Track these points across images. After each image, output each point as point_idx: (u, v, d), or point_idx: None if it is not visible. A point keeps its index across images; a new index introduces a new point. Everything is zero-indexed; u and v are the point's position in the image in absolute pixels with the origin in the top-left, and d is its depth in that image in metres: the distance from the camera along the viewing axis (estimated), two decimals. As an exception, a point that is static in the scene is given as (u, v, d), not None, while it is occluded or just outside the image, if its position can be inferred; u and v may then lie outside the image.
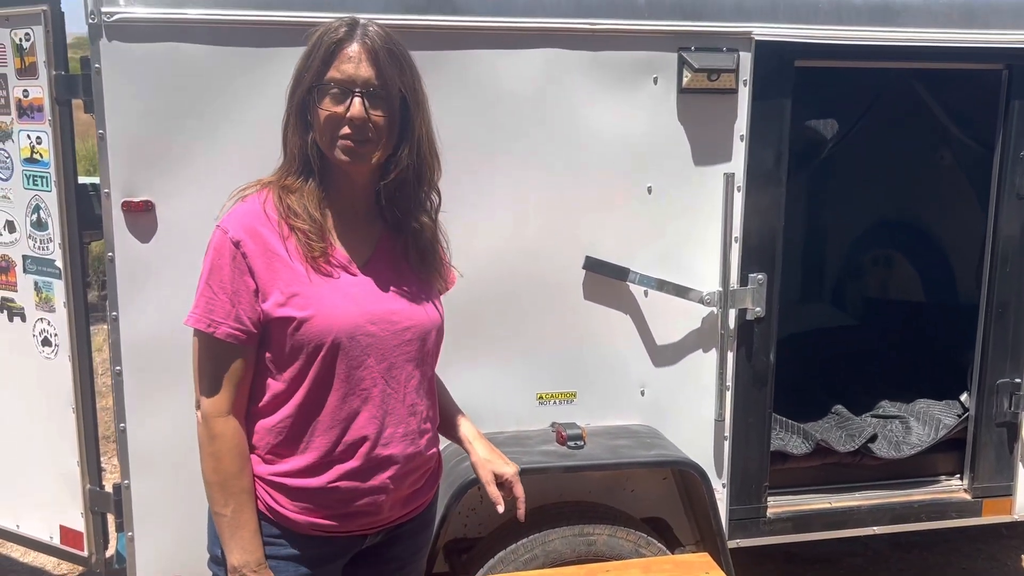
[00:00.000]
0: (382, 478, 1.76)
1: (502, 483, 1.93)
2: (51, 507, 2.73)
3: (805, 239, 4.65)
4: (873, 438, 3.15)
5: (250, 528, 1.72)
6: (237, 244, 1.65)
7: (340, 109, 1.65)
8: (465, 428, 2.01)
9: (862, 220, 4.38)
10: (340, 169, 1.71)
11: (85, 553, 2.68)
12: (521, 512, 1.93)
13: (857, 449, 3.10)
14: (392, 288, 1.77)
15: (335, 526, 1.78)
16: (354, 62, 1.64)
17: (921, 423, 3.25)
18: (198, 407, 1.72)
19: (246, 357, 1.69)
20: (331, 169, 1.71)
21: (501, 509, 1.89)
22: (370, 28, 1.67)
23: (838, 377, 3.82)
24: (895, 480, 3.16)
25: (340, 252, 1.73)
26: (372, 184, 1.76)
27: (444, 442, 2.61)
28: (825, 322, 4.43)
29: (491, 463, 1.95)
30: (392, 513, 1.83)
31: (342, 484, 1.74)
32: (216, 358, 1.68)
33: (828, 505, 3.02)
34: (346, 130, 1.65)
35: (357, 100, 1.64)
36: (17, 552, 3.95)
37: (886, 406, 3.45)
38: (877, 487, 3.12)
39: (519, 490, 1.94)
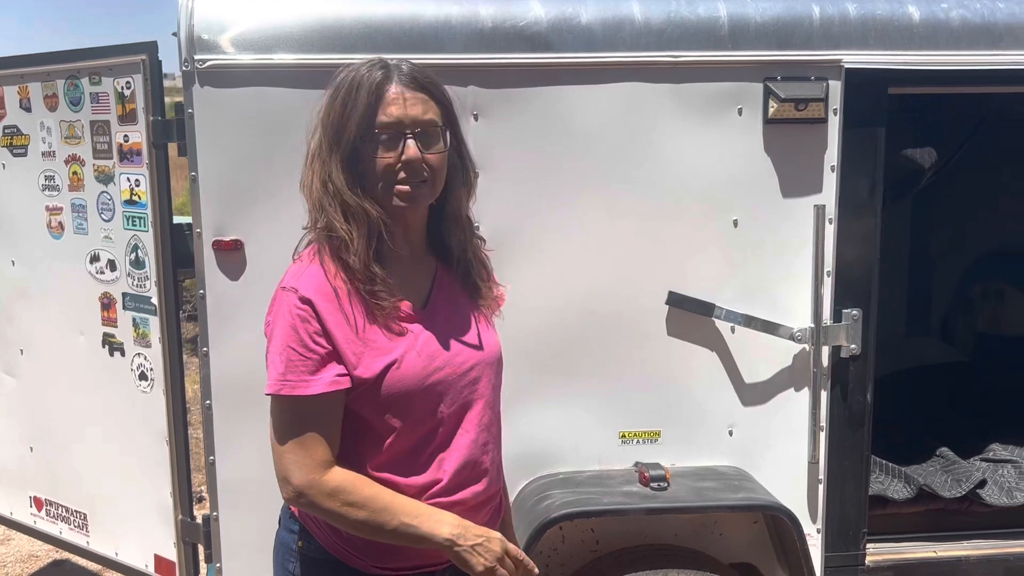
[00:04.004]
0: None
1: None
2: (147, 536, 2.82)
3: (910, 271, 4.45)
4: (982, 483, 2.96)
5: (429, 509, 1.66)
6: (308, 302, 1.61)
7: (393, 155, 1.61)
8: (505, 513, 1.98)
9: (971, 251, 4.17)
10: (394, 214, 1.67)
11: (177, 583, 2.76)
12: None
13: (965, 495, 2.92)
14: (453, 326, 1.76)
15: (406, 565, 1.77)
16: (399, 104, 1.61)
17: (1036, 468, 3.04)
18: (294, 491, 1.62)
19: (336, 410, 1.65)
20: (387, 214, 1.66)
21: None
22: (403, 66, 1.65)
23: (945, 418, 3.62)
24: (1009, 529, 2.95)
25: (404, 304, 1.69)
26: (424, 220, 1.75)
27: (523, 480, 2.62)
28: (932, 358, 4.21)
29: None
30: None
31: None
32: (308, 418, 1.62)
33: (933, 554, 2.84)
34: (402, 175, 1.62)
35: (411, 142, 1.61)
36: (120, 578, 4.10)
37: (997, 449, 3.24)
38: (988, 536, 2.92)
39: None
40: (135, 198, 2.62)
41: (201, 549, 2.71)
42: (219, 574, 2.58)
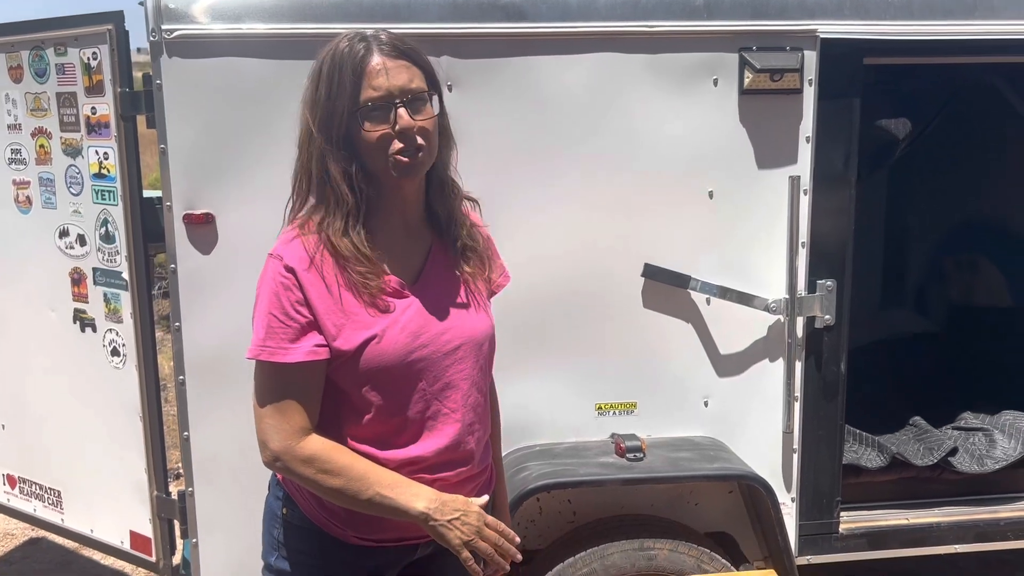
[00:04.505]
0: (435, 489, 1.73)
1: None
2: (122, 513, 2.81)
3: (884, 243, 4.48)
4: (954, 451, 3.00)
5: (406, 481, 1.66)
6: (292, 271, 1.62)
7: (386, 127, 1.60)
8: (502, 492, 2.01)
9: (945, 223, 4.19)
10: (391, 187, 1.67)
11: (153, 558, 2.74)
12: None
13: (936, 463, 2.96)
14: (443, 303, 1.74)
15: (387, 537, 1.77)
16: (384, 75, 1.59)
17: (1007, 436, 3.08)
18: (271, 455, 1.64)
19: (315, 380, 1.65)
20: (380, 189, 1.66)
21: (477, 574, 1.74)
22: (382, 35, 1.63)
23: (918, 388, 3.66)
24: (979, 496, 3.00)
25: (392, 279, 1.68)
26: (421, 192, 1.74)
27: (503, 451, 2.62)
28: (905, 330, 4.25)
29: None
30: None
31: None
32: (288, 385, 1.63)
33: (906, 521, 2.88)
34: (397, 145, 1.61)
35: (402, 111, 1.60)
36: (99, 555, 4.08)
37: (968, 418, 3.28)
38: (959, 503, 2.97)
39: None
40: (104, 171, 2.57)
41: (177, 525, 2.70)
42: (195, 549, 2.57)
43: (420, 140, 1.62)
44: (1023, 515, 2.93)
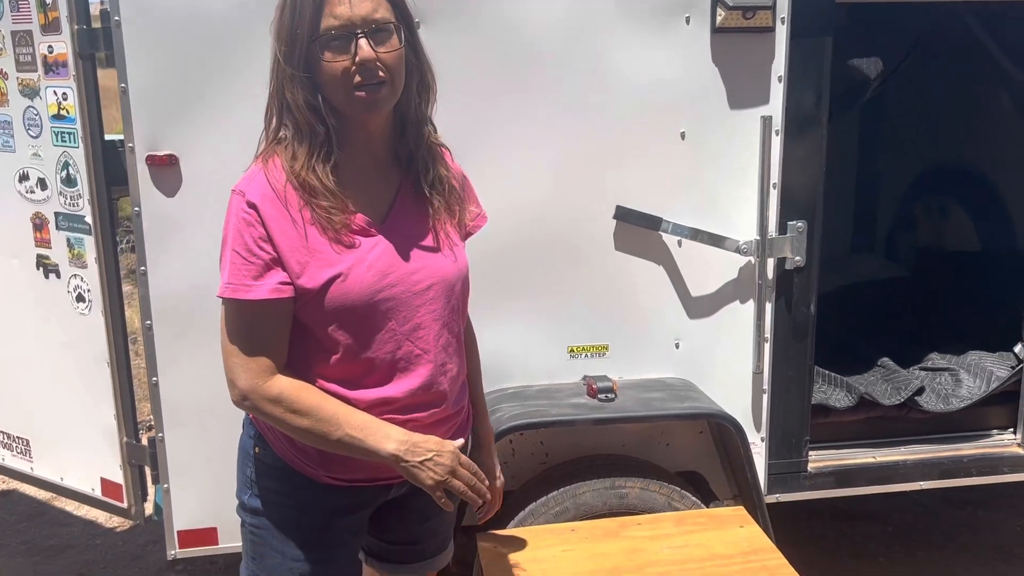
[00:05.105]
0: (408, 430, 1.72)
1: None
2: (92, 460, 2.78)
3: (855, 188, 4.50)
4: (920, 391, 3.04)
5: (376, 423, 1.65)
6: (254, 207, 1.59)
7: (347, 57, 1.56)
8: (485, 427, 2.01)
9: (915, 167, 4.21)
10: (355, 122, 1.64)
11: (125, 505, 2.73)
12: (481, 517, 1.91)
13: (903, 402, 3.00)
14: (413, 242, 1.71)
15: (359, 477, 1.77)
16: (346, 3, 1.55)
17: (972, 375, 3.13)
18: (239, 394, 1.63)
19: (280, 318, 1.63)
20: (345, 124, 1.64)
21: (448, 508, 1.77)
22: None
23: (887, 330, 3.70)
24: (944, 434, 3.05)
25: (359, 217, 1.66)
26: (389, 128, 1.70)
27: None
28: (876, 274, 4.29)
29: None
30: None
31: None
32: (253, 323, 1.61)
33: (872, 460, 2.93)
34: (358, 79, 1.57)
35: (363, 42, 1.56)
36: (71, 506, 4.07)
37: (935, 359, 3.33)
38: (924, 441, 3.02)
39: (494, 503, 1.95)
40: (63, 113, 2.51)
41: (148, 471, 2.69)
42: (167, 495, 2.56)
43: (382, 74, 1.58)
44: (986, 452, 2.98)
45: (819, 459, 2.89)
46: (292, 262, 1.60)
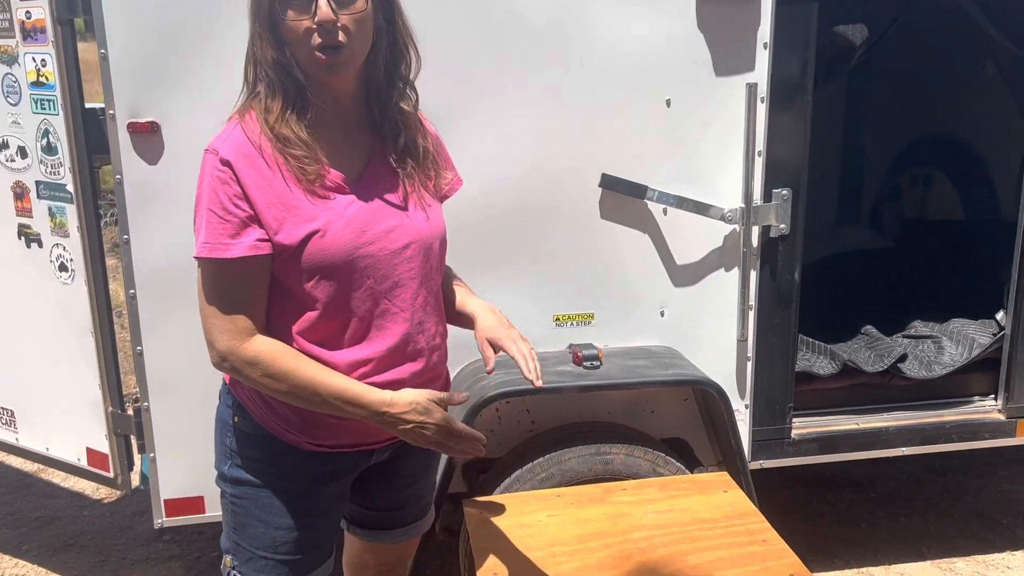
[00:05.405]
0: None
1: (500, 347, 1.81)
2: (77, 430, 2.78)
3: (841, 158, 4.50)
4: (903, 358, 3.07)
5: (356, 386, 1.64)
6: (228, 164, 1.58)
7: (307, 16, 1.54)
8: (472, 304, 1.93)
9: (899, 138, 4.22)
10: (320, 82, 1.62)
11: (111, 474, 2.73)
12: (533, 375, 1.78)
13: (886, 369, 3.02)
14: (389, 202, 1.71)
15: (341, 442, 1.77)
16: None
17: (954, 343, 3.16)
18: (218, 355, 1.63)
19: (258, 276, 1.62)
20: (314, 83, 1.62)
21: (489, 367, 1.77)
22: None
23: (871, 299, 3.72)
24: (926, 401, 3.08)
25: (333, 172, 1.65)
26: (359, 89, 1.69)
27: (461, 363, 2.63)
28: (862, 245, 4.30)
29: (492, 330, 1.85)
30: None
31: None
32: (231, 283, 1.61)
33: (856, 426, 2.96)
34: (318, 39, 1.55)
35: (322, 2, 1.53)
36: (58, 478, 4.07)
37: (918, 326, 3.35)
38: (907, 408, 3.05)
39: (523, 346, 1.80)
40: (42, 79, 2.48)
41: (134, 440, 2.68)
42: (153, 464, 2.56)
43: (341, 36, 1.56)
44: (968, 418, 3.02)
45: (803, 426, 2.91)
46: (269, 218, 1.59)
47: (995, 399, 3.07)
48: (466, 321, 1.92)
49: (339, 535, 1.97)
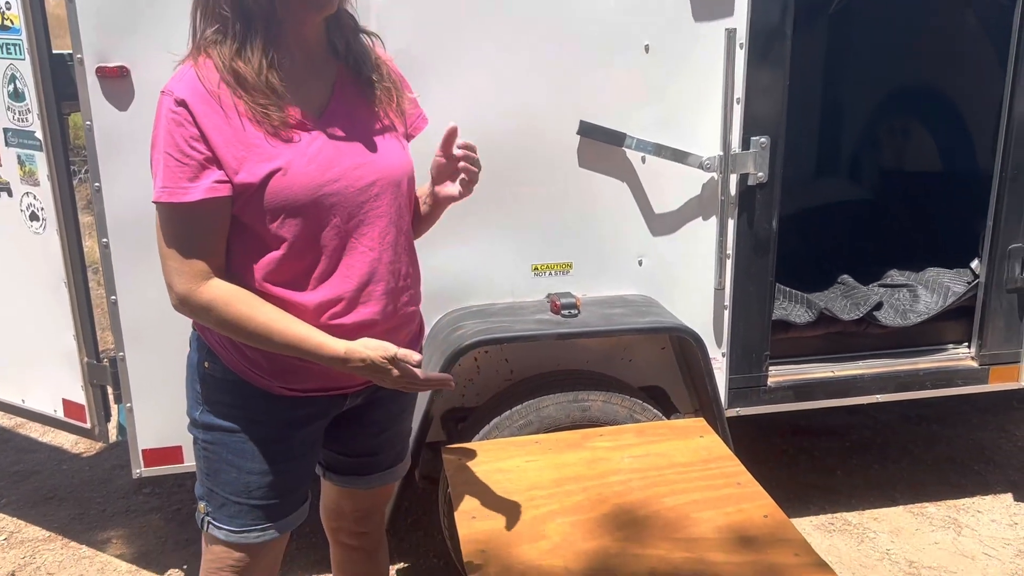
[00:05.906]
0: (361, 337, 1.71)
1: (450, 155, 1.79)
2: (53, 381, 2.76)
3: (820, 109, 4.49)
4: (879, 306, 3.09)
5: (312, 338, 1.63)
6: (183, 104, 1.54)
7: None
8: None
9: (880, 88, 4.21)
10: (293, 18, 1.59)
11: (88, 425, 2.72)
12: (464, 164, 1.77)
13: (862, 318, 3.05)
14: (354, 139, 1.68)
15: (313, 386, 1.76)
16: None
17: (929, 291, 3.18)
18: (177, 298, 1.62)
19: (217, 219, 1.60)
20: (275, 18, 1.59)
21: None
22: None
23: (850, 249, 3.74)
24: (901, 349, 3.11)
25: (294, 111, 1.62)
26: (322, 24, 1.66)
27: (437, 314, 2.63)
28: (840, 196, 4.31)
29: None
30: (372, 373, 1.80)
31: None
32: (191, 226, 1.58)
33: (831, 374, 2.99)
34: None
35: None
36: (36, 432, 4.06)
37: (895, 275, 3.38)
38: (882, 356, 3.09)
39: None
40: (7, 23, 2.42)
41: (111, 391, 2.67)
42: (130, 414, 2.55)
43: None
44: (942, 366, 3.05)
45: (779, 374, 2.94)
46: (228, 157, 1.56)
47: (968, 347, 3.11)
48: (427, 196, 1.88)
49: (314, 481, 1.97)
